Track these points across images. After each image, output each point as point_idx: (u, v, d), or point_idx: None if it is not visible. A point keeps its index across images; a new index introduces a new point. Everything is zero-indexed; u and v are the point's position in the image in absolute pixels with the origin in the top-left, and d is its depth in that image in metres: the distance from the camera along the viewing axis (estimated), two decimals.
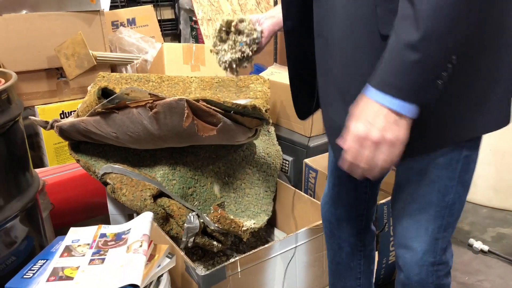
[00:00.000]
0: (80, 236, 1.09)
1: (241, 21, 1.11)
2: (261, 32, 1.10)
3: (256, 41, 1.10)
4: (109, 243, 1.05)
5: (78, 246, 1.04)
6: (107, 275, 0.95)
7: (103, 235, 1.08)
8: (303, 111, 1.05)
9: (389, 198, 1.42)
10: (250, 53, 1.11)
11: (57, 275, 0.95)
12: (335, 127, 0.89)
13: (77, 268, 0.97)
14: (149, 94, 1.25)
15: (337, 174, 1.09)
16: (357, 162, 0.73)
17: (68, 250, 1.02)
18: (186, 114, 1.22)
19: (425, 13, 0.64)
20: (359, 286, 1.17)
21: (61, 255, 1.01)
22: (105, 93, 1.33)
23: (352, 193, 1.08)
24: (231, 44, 1.12)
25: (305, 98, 1.05)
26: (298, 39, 0.95)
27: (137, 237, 1.03)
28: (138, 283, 0.90)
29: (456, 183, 0.86)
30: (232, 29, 1.11)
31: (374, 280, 1.24)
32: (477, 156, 0.88)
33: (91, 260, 0.99)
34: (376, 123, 0.70)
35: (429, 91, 0.69)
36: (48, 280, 0.93)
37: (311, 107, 1.06)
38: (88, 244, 1.05)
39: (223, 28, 1.13)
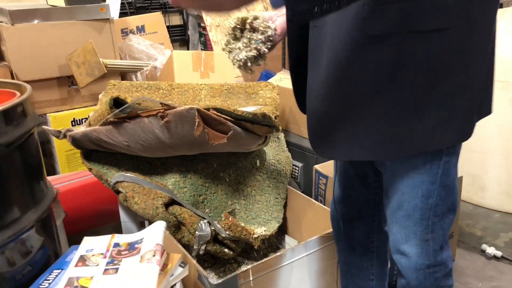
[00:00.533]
0: (94, 245, 1.10)
1: (256, 18, 1.10)
2: (275, 29, 1.10)
3: (271, 38, 1.10)
4: (123, 253, 1.06)
5: (92, 255, 1.05)
6: (121, 285, 0.95)
7: (116, 245, 1.09)
8: (304, 102, 1.06)
9: None
10: (266, 51, 1.11)
11: (72, 285, 0.96)
12: (317, 115, 0.93)
13: (92, 278, 0.98)
14: (161, 103, 1.27)
15: (345, 174, 1.11)
16: None
17: (82, 260, 1.04)
18: (197, 123, 1.23)
19: None
20: (371, 287, 1.17)
21: (76, 265, 1.02)
22: (117, 102, 1.34)
23: (362, 192, 1.10)
24: (246, 42, 1.11)
25: (303, 89, 1.06)
26: (299, 29, 0.96)
27: (150, 247, 1.04)
28: None
29: (438, 187, 0.90)
30: (247, 26, 1.10)
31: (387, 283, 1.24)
32: (457, 160, 0.91)
33: (105, 270, 1.00)
34: None
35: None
36: None
37: None
38: (102, 254, 1.06)
39: (238, 26, 1.12)
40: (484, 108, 0.93)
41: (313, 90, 0.94)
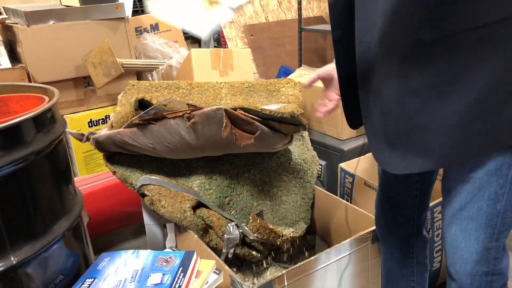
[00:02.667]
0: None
1: None
2: None
3: None
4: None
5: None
6: None
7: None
8: (354, 120, 1.02)
9: (434, 203, 1.37)
10: None
11: None
12: (376, 135, 0.88)
13: None
14: (187, 104, 1.23)
15: (385, 177, 1.08)
16: None
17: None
18: (224, 123, 1.20)
19: None
20: None
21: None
22: (141, 103, 1.31)
23: (401, 196, 1.07)
24: None
25: (354, 106, 1.02)
26: (346, 47, 0.93)
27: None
28: None
29: (508, 190, 0.83)
30: None
31: None
32: None
33: None
34: None
35: None
36: None
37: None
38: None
39: None
40: None
41: (369, 111, 0.90)
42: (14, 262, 0.84)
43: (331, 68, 1.11)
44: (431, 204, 1.36)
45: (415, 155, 0.83)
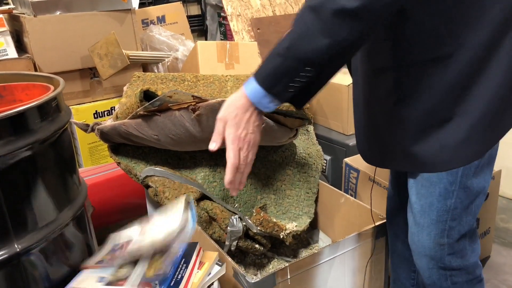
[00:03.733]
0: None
1: None
2: None
3: None
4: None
5: None
6: None
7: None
8: None
9: None
10: None
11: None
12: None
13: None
14: (192, 96, 1.23)
15: (395, 172, 1.14)
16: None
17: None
18: None
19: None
20: (413, 279, 1.15)
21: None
22: (146, 95, 1.31)
23: (404, 180, 1.08)
24: None
25: None
26: None
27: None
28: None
29: (458, 188, 0.87)
30: None
31: None
32: (484, 162, 0.88)
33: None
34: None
35: (279, 87, 0.77)
36: None
37: None
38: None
39: None
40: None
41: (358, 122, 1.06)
42: (18, 250, 0.84)
43: None
44: None
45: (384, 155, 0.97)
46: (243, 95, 0.81)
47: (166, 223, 0.95)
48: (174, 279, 0.93)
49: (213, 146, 0.88)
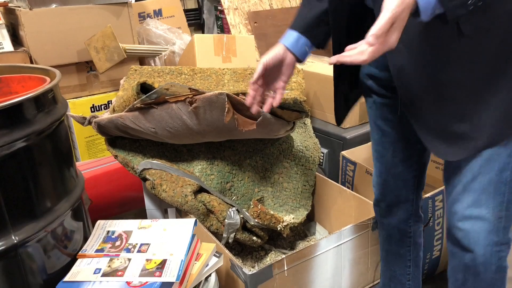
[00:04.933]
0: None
1: None
2: None
3: None
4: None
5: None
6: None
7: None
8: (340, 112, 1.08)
9: (435, 191, 1.37)
10: None
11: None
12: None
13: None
14: (189, 88, 1.23)
15: (383, 161, 1.09)
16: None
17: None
18: (227, 108, 1.19)
19: None
20: (408, 274, 1.16)
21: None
22: (143, 88, 1.31)
23: (400, 177, 1.08)
24: None
25: (344, 97, 1.06)
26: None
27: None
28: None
29: None
30: None
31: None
32: None
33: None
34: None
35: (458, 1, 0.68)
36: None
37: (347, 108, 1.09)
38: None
39: None
40: None
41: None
42: (15, 241, 0.84)
43: (279, 52, 0.99)
44: (432, 193, 1.35)
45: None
46: None
47: None
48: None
49: (369, 48, 0.73)
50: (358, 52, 0.74)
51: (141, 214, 1.73)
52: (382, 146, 1.07)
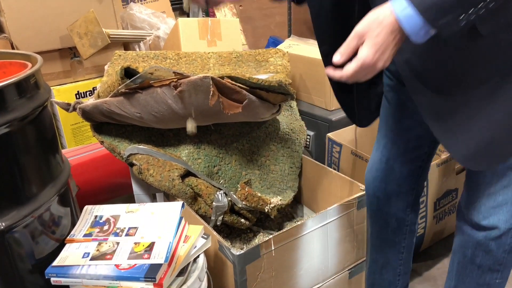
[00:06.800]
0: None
1: None
2: None
3: None
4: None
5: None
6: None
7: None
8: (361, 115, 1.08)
9: None
10: None
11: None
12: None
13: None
14: (174, 72, 1.22)
15: (394, 146, 1.06)
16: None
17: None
18: (211, 92, 1.19)
19: None
20: (401, 260, 1.17)
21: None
22: (127, 72, 1.30)
23: (407, 166, 1.06)
24: None
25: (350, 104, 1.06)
26: None
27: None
28: None
29: None
30: None
31: None
32: None
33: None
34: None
35: (448, 18, 0.64)
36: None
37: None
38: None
39: None
40: None
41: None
42: (2, 227, 0.84)
43: None
44: None
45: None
46: (392, 14, 0.67)
47: None
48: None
49: (337, 58, 0.73)
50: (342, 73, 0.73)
51: (130, 199, 1.74)
52: (396, 133, 1.05)
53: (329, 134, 1.68)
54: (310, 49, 1.91)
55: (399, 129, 1.03)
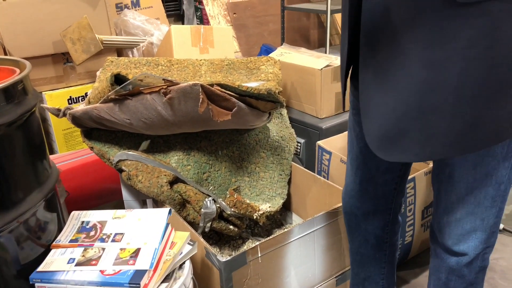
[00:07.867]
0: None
1: None
2: None
3: None
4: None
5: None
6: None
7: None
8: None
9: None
10: None
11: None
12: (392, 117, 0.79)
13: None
14: (163, 79, 1.23)
15: (365, 169, 1.04)
16: None
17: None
18: (201, 99, 1.20)
19: None
20: (383, 274, 1.16)
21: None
22: (118, 79, 1.31)
23: (381, 188, 1.05)
24: None
25: None
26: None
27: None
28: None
29: (510, 170, 0.85)
30: None
31: None
32: None
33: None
34: None
35: None
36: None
37: None
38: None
39: None
40: None
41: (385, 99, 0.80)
42: None
43: None
44: None
45: (426, 141, 0.78)
46: None
47: None
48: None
49: None
50: None
51: (120, 205, 1.74)
52: (365, 156, 1.02)
53: (319, 142, 1.69)
54: (301, 57, 1.93)
55: (369, 153, 0.99)
